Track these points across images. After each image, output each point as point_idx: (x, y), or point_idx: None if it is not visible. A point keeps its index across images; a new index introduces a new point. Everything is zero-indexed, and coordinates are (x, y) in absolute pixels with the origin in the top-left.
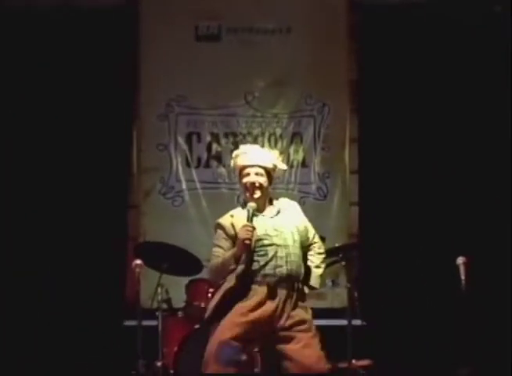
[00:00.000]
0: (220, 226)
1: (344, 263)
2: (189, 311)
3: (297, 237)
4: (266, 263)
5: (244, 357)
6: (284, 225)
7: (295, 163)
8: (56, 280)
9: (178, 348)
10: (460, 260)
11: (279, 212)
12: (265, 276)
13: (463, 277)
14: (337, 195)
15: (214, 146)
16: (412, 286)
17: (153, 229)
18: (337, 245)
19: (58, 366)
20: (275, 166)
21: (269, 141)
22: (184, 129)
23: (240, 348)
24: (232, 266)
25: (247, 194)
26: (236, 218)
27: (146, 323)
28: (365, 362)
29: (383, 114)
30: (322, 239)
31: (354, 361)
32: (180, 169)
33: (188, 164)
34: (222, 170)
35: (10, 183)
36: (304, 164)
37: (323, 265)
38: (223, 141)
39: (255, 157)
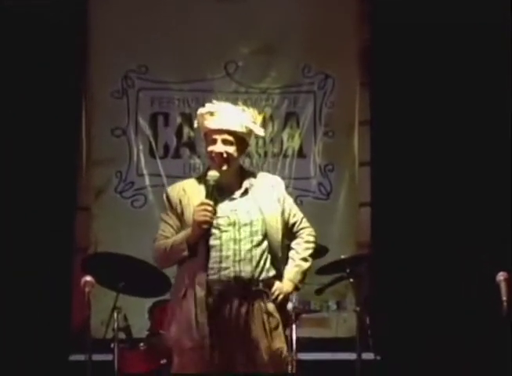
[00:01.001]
0: (166, 196)
1: (351, 280)
2: (153, 342)
3: (263, 227)
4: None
5: None
6: (246, 211)
7: (290, 152)
8: None
9: None
10: (501, 276)
11: (246, 192)
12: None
13: (504, 297)
14: (343, 193)
15: (186, 130)
16: (439, 309)
17: (107, 237)
18: (342, 257)
19: None
20: (249, 131)
21: None
22: (147, 109)
23: None
24: (185, 253)
25: (213, 165)
26: (187, 191)
27: (97, 357)
28: None
29: (401, 90)
30: (325, 250)
31: None
32: (142, 160)
33: (152, 154)
34: (196, 161)
35: None
36: (301, 153)
37: (310, 260)
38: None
39: (224, 121)
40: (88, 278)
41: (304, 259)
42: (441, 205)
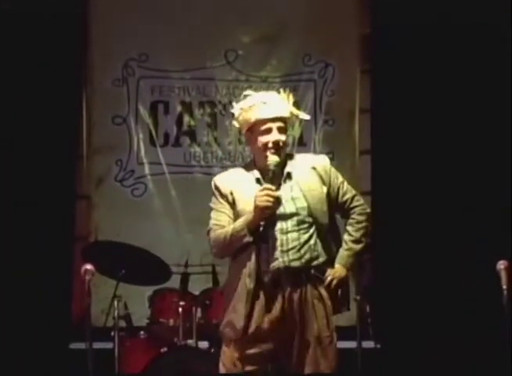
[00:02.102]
0: (215, 186)
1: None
2: (153, 330)
3: (309, 214)
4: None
5: None
6: (291, 199)
7: (290, 140)
8: None
9: None
10: (501, 265)
11: (289, 177)
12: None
13: (504, 286)
14: None
15: (186, 118)
16: (439, 298)
17: (107, 226)
18: None
19: None
20: (295, 117)
21: None
22: (147, 97)
23: None
24: (246, 239)
25: (267, 154)
26: (237, 179)
27: (98, 345)
28: None
29: (402, 78)
30: None
31: None
32: (142, 149)
33: (152, 143)
34: (197, 149)
35: None
36: (301, 141)
37: (363, 240)
38: (197, 112)
39: (277, 109)
40: (89, 266)
41: (356, 241)
42: (441, 194)
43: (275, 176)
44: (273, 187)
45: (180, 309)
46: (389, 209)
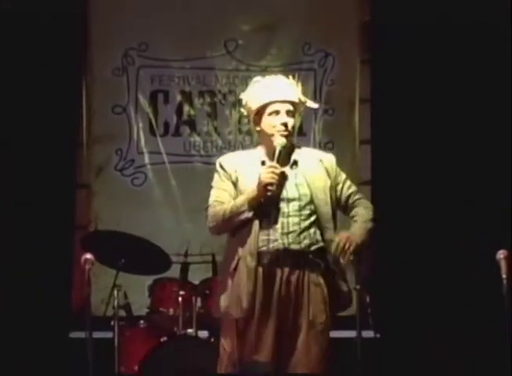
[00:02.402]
0: (220, 165)
1: (351, 258)
2: (153, 319)
3: (311, 201)
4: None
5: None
6: (294, 185)
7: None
8: None
9: (139, 367)
10: (501, 254)
11: (295, 164)
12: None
13: (504, 275)
14: (343, 171)
15: (186, 108)
16: (439, 287)
17: (107, 215)
18: None
19: None
20: (303, 103)
21: None
22: (147, 86)
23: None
24: (246, 215)
25: (273, 137)
26: (242, 161)
27: (98, 335)
28: None
29: (402, 67)
30: None
31: None
32: (142, 138)
33: (152, 132)
34: (196, 139)
35: None
36: (301, 131)
37: (373, 222)
38: (197, 102)
39: (287, 92)
40: (88, 256)
41: (367, 221)
42: (441, 184)
43: (282, 160)
44: (278, 166)
45: (180, 299)
46: (389, 199)
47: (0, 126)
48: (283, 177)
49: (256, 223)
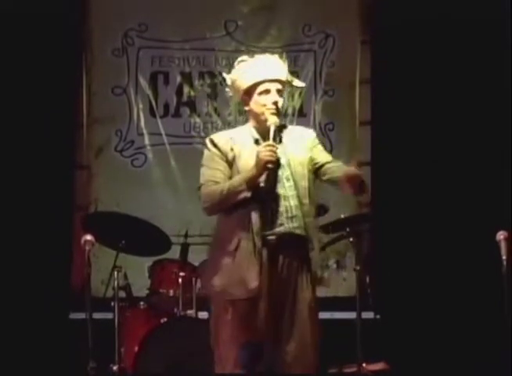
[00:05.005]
0: (213, 144)
1: (352, 240)
2: (153, 301)
3: (290, 173)
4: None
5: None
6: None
7: (290, 111)
8: None
9: (139, 347)
10: (501, 235)
11: (280, 141)
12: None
13: (504, 256)
14: (343, 152)
15: (186, 89)
16: (439, 268)
17: (107, 196)
18: (342, 217)
19: None
20: (290, 82)
21: None
22: (147, 67)
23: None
24: (244, 194)
25: (265, 115)
26: (236, 139)
27: (98, 315)
28: (378, 365)
29: (403, 48)
30: (324, 209)
31: (365, 364)
32: (142, 119)
33: (152, 113)
34: (196, 120)
35: None
36: (301, 112)
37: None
38: (197, 83)
39: (277, 71)
40: (88, 237)
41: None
42: (442, 165)
43: (275, 137)
44: (275, 144)
45: (180, 280)
46: (388, 180)
47: (0, 107)
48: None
49: (257, 205)
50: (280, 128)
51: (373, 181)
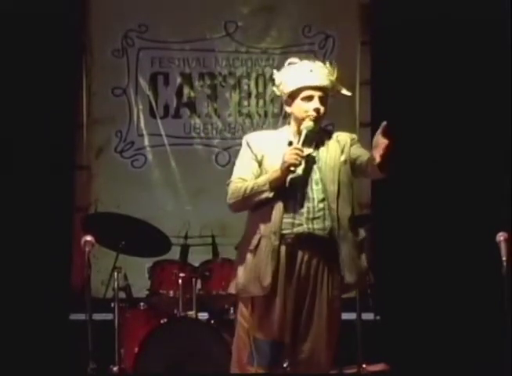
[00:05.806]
0: (247, 144)
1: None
2: (153, 301)
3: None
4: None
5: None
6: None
7: None
8: None
9: (139, 348)
10: (501, 236)
11: (317, 145)
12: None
13: (504, 257)
14: None
15: (186, 90)
16: (439, 269)
17: (107, 197)
18: None
19: None
20: (337, 92)
21: (257, 83)
22: (147, 68)
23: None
24: (266, 194)
25: (298, 124)
26: (269, 140)
27: (98, 316)
28: (378, 366)
29: (403, 49)
30: None
31: (365, 365)
32: (142, 120)
33: (152, 114)
34: (196, 121)
35: None
36: None
37: None
38: (197, 84)
39: (323, 79)
40: (89, 238)
41: None
42: (442, 166)
43: (308, 143)
44: (303, 148)
45: (180, 281)
46: (390, 183)
47: (0, 107)
48: (309, 160)
49: (280, 204)
50: (319, 133)
51: (374, 183)
